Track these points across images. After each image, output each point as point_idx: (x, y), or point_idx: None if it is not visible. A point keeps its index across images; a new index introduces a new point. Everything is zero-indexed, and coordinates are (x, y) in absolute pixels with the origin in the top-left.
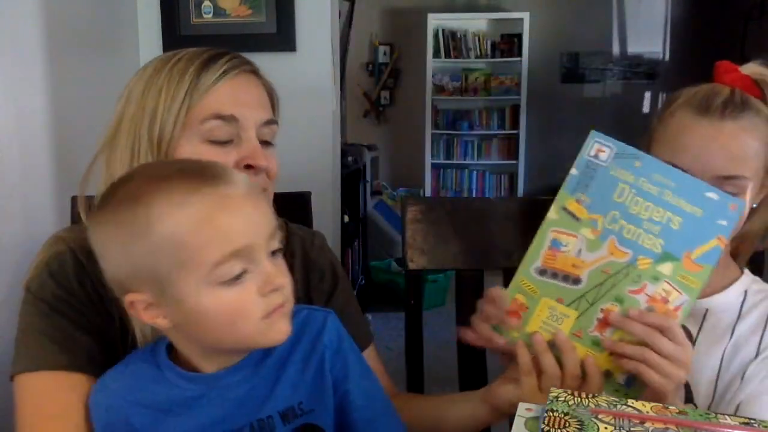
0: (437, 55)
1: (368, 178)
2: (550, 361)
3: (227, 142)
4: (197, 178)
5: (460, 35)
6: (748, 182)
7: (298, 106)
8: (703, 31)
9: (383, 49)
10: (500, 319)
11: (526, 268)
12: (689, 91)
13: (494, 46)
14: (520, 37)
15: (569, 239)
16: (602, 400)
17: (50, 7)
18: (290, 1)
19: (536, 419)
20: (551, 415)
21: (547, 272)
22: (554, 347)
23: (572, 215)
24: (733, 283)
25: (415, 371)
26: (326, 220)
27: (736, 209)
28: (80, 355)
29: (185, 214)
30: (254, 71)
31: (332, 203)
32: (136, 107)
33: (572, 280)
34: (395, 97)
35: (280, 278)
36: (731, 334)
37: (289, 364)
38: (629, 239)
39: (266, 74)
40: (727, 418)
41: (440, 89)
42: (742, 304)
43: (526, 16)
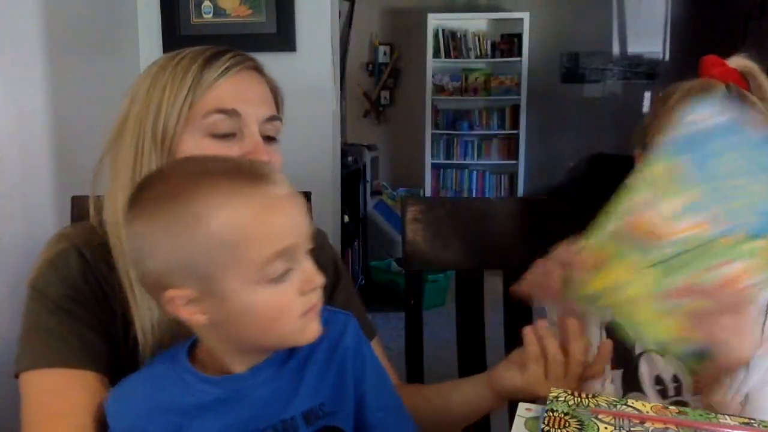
0: (437, 55)
1: (368, 178)
2: (554, 348)
3: (229, 135)
4: (245, 176)
5: (460, 35)
6: None
7: (298, 106)
8: (703, 31)
9: (383, 49)
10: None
11: (610, 224)
12: (683, 86)
13: (494, 46)
14: (520, 37)
15: (663, 202)
16: (602, 400)
17: (50, 7)
18: (290, 1)
19: (536, 419)
20: (551, 415)
21: (630, 233)
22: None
23: (671, 177)
24: None
25: (415, 371)
26: (326, 220)
27: None
28: (85, 352)
29: (237, 212)
30: (257, 68)
31: (332, 203)
32: (140, 104)
33: (657, 243)
34: (395, 97)
35: (319, 278)
36: None
37: (310, 364)
38: (726, 210)
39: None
40: (727, 418)
41: (440, 89)
42: None
43: (526, 16)
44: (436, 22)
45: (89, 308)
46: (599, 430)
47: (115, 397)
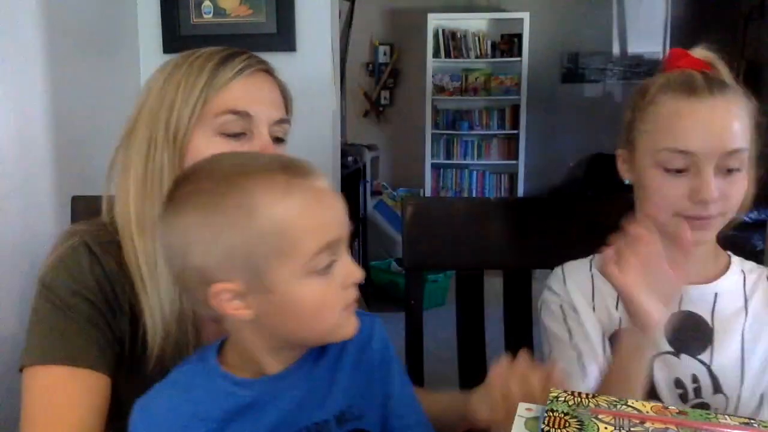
0: (437, 55)
1: (368, 178)
2: (516, 391)
3: (240, 134)
4: (293, 171)
5: (460, 35)
6: (746, 154)
7: (298, 106)
8: (703, 31)
9: (383, 49)
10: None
11: None
12: (658, 79)
13: (494, 46)
14: (520, 37)
15: None
16: (602, 400)
17: (50, 8)
18: (290, 1)
19: (536, 419)
20: (551, 415)
21: None
22: None
23: None
24: (728, 266)
25: (415, 371)
26: None
27: None
28: (91, 350)
29: (289, 204)
30: (269, 71)
31: None
32: (154, 100)
33: None
34: (395, 97)
35: (359, 272)
36: (745, 313)
37: (340, 366)
38: None
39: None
40: (727, 418)
41: (440, 89)
42: (744, 283)
43: (526, 16)
44: (436, 22)
45: (97, 305)
46: (599, 430)
47: (141, 407)
